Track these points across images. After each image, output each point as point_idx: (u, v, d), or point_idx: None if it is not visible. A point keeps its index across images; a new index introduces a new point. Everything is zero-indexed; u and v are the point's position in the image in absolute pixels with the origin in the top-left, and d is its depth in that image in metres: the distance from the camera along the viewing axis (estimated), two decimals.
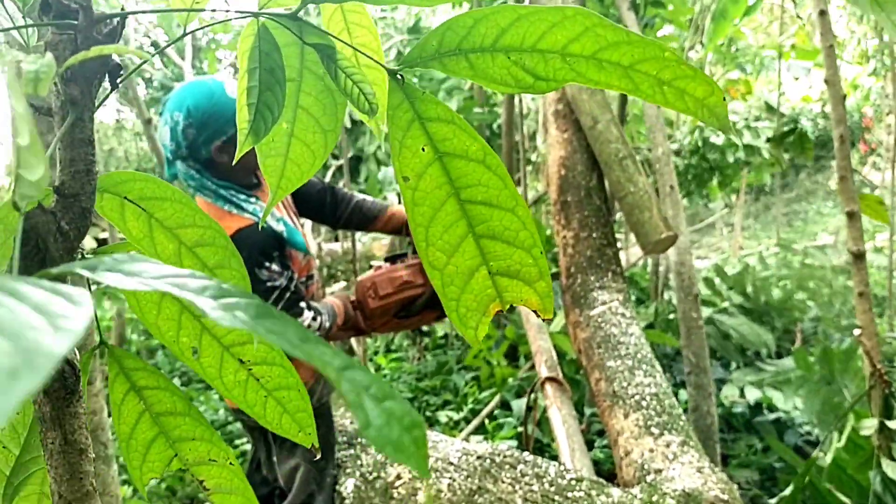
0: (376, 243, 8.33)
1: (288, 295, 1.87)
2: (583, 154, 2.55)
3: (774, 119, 6.19)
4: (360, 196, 2.29)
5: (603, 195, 2.57)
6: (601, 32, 0.48)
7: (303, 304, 1.90)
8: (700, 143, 7.13)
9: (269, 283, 1.85)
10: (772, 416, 3.65)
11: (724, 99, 0.50)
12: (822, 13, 2.12)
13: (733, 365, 4.17)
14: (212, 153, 1.89)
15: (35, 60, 0.31)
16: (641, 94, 0.50)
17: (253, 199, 1.93)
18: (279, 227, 1.92)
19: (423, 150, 0.55)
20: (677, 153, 7.27)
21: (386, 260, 2.19)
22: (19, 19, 0.46)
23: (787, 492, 1.89)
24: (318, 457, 0.67)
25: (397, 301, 2.09)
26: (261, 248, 1.86)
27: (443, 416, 4.01)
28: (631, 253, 6.80)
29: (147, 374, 0.61)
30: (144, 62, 0.48)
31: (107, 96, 0.48)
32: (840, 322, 4.39)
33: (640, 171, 2.34)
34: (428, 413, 4.17)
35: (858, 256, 2.02)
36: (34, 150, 0.27)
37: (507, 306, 0.59)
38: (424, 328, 5.29)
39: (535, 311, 0.59)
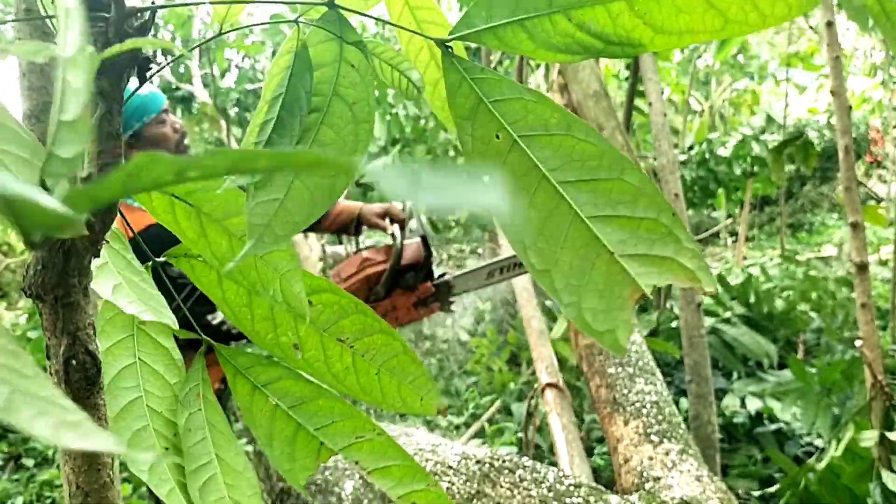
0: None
1: (198, 292, 1.84)
2: None
3: (781, 131, 6.19)
4: None
5: None
6: None
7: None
8: (707, 155, 7.14)
9: (179, 280, 1.83)
10: (773, 427, 3.64)
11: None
12: (830, 24, 2.13)
13: (735, 375, 4.15)
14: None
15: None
16: (735, 25, 0.42)
17: None
18: None
19: (497, 136, 0.48)
20: (684, 164, 7.28)
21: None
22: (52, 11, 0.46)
23: (774, 488, 1.89)
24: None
25: (361, 280, 2.04)
26: (172, 244, 1.83)
27: (443, 420, 4.01)
28: None
29: (264, 367, 0.59)
30: (179, 57, 0.48)
31: (136, 90, 0.48)
32: (843, 333, 4.37)
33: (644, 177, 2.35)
34: (428, 417, 4.17)
35: (861, 267, 2.01)
36: (78, 126, 0.26)
37: (651, 289, 0.48)
38: (427, 332, 5.29)
39: (690, 288, 0.48)
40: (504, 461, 2.16)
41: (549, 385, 2.68)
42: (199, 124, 7.68)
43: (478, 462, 2.17)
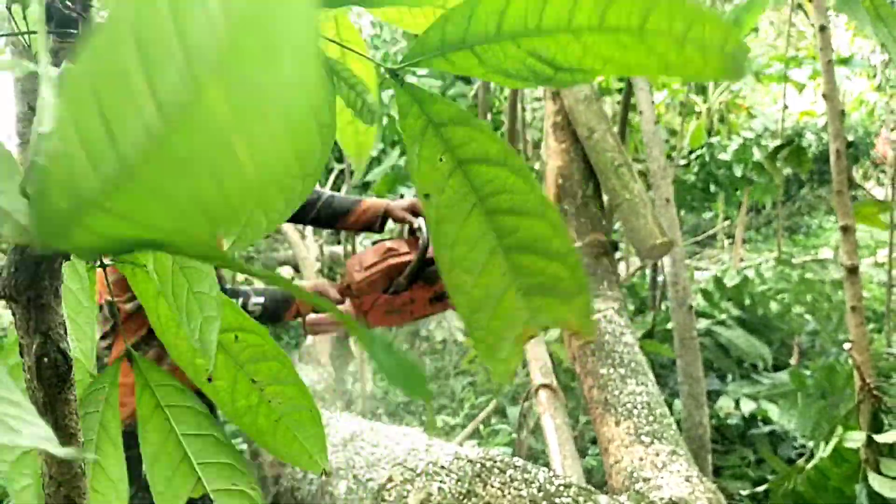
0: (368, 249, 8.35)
1: None
2: (580, 164, 2.60)
3: (776, 135, 6.20)
4: (330, 192, 2.24)
5: (599, 203, 2.61)
6: None
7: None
8: (708, 158, 7.16)
9: None
10: (767, 429, 3.66)
11: (742, 42, 0.45)
12: (823, 28, 2.14)
13: (729, 377, 4.17)
14: None
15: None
16: (671, 67, 0.45)
17: None
18: None
19: (442, 159, 0.50)
20: (686, 167, 7.29)
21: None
22: (23, 26, 0.48)
23: (762, 488, 1.91)
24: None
25: (383, 270, 2.01)
26: None
27: (439, 420, 4.02)
28: (632, 263, 6.82)
29: (174, 389, 0.60)
30: None
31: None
32: (837, 336, 4.39)
33: (635, 178, 2.38)
34: (423, 418, 4.19)
35: (852, 271, 2.03)
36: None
37: (542, 330, 0.52)
38: (423, 333, 5.30)
39: (573, 334, 0.52)
40: (495, 461, 2.17)
41: (543, 386, 2.69)
42: None
43: (470, 462, 2.18)
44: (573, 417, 3.65)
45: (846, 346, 1.94)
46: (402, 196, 5.48)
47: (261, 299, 1.95)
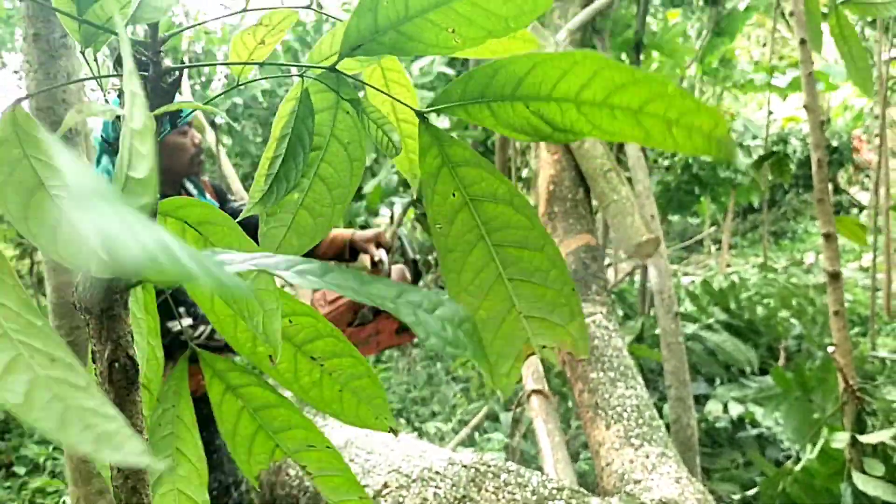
0: (364, 256, 8.37)
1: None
2: (570, 172, 2.69)
3: (764, 139, 6.29)
4: None
5: (589, 208, 2.70)
6: (608, 75, 0.49)
7: (182, 310, 1.90)
8: (690, 160, 7.23)
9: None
10: (754, 432, 3.72)
11: (729, 130, 0.51)
12: (803, 42, 2.20)
13: (717, 380, 4.23)
14: None
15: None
16: (654, 140, 0.51)
17: None
18: None
19: (454, 195, 0.56)
20: (668, 169, 7.38)
21: None
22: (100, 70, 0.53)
23: (752, 492, 1.96)
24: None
25: (348, 303, 2.04)
26: None
27: (431, 427, 4.06)
28: (620, 269, 6.88)
29: (239, 373, 0.66)
30: (201, 105, 0.54)
31: (166, 133, 0.55)
32: (823, 340, 4.46)
33: (623, 182, 2.47)
34: (417, 424, 4.22)
35: (834, 276, 2.09)
36: (146, 182, 0.33)
37: (540, 349, 0.58)
38: (414, 339, 5.33)
39: (569, 352, 0.58)
40: (489, 466, 2.21)
41: (535, 392, 2.74)
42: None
43: (464, 467, 2.23)
44: (565, 422, 3.70)
45: (830, 349, 2.00)
46: (392, 205, 5.52)
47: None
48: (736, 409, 3.77)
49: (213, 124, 6.32)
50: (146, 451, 0.33)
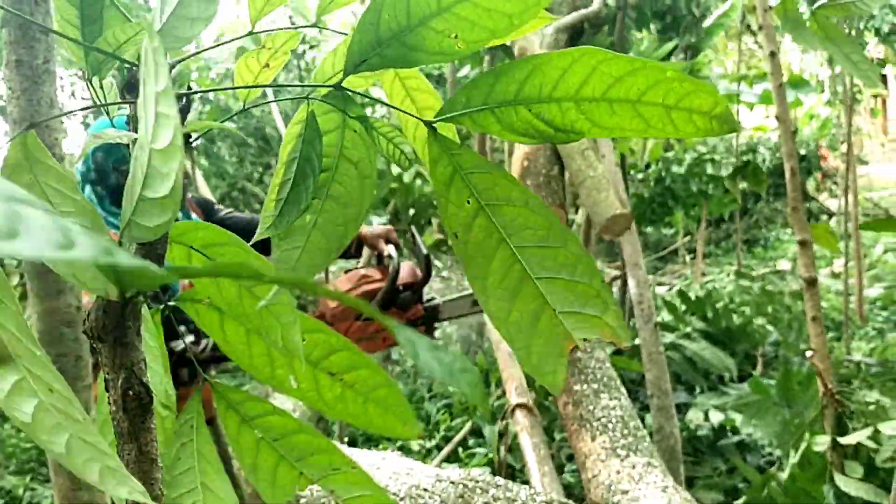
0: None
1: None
2: (546, 150, 2.71)
3: (733, 151, 6.39)
4: None
5: (562, 184, 2.71)
6: (606, 69, 0.50)
7: (182, 329, 1.87)
8: (663, 173, 7.32)
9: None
10: (735, 439, 3.75)
11: (728, 106, 0.50)
12: (773, 54, 2.25)
13: (697, 389, 4.27)
14: (121, 179, 1.87)
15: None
16: (654, 130, 0.51)
17: None
18: None
19: (468, 202, 0.56)
20: (642, 181, 7.45)
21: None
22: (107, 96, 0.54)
23: (739, 502, 1.98)
24: None
25: (357, 297, 2.06)
26: None
27: (415, 444, 4.05)
28: None
29: (253, 403, 0.65)
30: (205, 130, 0.55)
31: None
32: (799, 346, 4.52)
33: (599, 160, 2.49)
34: (400, 441, 4.21)
35: (810, 283, 2.13)
36: (166, 202, 0.33)
37: (582, 342, 0.57)
38: (395, 356, 5.33)
39: (612, 342, 0.57)
40: (477, 481, 2.21)
41: (520, 405, 2.75)
42: None
43: (452, 483, 2.23)
44: (549, 434, 3.71)
45: (808, 354, 2.03)
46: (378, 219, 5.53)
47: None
48: (716, 417, 3.81)
49: (188, 145, 6.30)
50: (145, 492, 0.34)
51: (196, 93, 0.51)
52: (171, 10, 0.49)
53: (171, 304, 0.64)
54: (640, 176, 7.47)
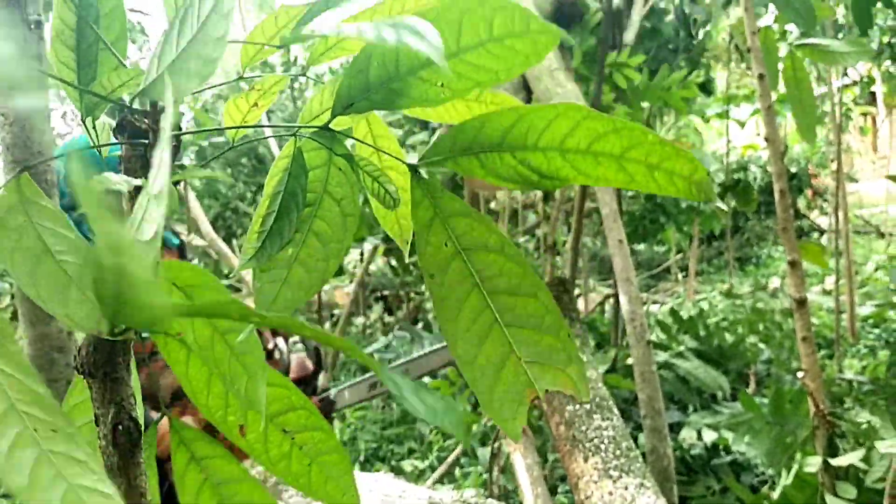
0: (338, 291, 8.35)
1: None
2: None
3: (723, 168, 6.43)
4: None
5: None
6: (590, 125, 0.51)
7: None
8: None
9: None
10: (728, 458, 3.75)
11: (707, 173, 0.52)
12: (761, 77, 2.28)
13: (691, 408, 4.27)
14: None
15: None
16: (637, 184, 0.53)
17: None
18: None
19: (446, 245, 0.57)
20: (633, 198, 7.49)
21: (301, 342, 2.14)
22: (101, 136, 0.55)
23: None
24: None
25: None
26: None
27: (408, 465, 4.04)
28: (590, 299, 6.94)
29: (205, 443, 0.65)
30: (201, 175, 0.56)
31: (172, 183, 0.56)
32: (791, 364, 4.53)
33: (570, 80, 2.47)
34: (393, 462, 4.20)
35: (800, 303, 2.14)
36: (152, 244, 0.34)
37: (543, 392, 0.58)
38: None
39: (571, 395, 0.58)
40: (470, 503, 2.21)
41: None
42: None
43: None
44: (542, 455, 3.71)
45: (799, 374, 2.04)
46: (363, 240, 5.54)
47: None
48: (710, 436, 3.81)
49: (180, 166, 6.31)
50: None
51: (188, 133, 0.52)
52: (182, 46, 0.50)
53: (145, 335, 0.64)
54: (630, 193, 7.52)
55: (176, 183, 0.50)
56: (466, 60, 0.49)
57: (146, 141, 0.49)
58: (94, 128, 0.53)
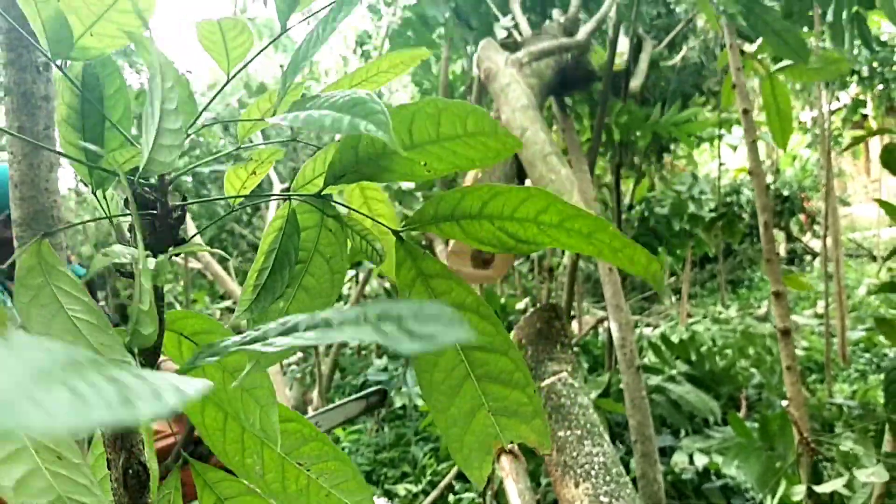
0: None
1: None
2: (504, 162, 2.71)
3: (715, 192, 6.50)
4: None
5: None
6: (560, 207, 0.57)
7: None
8: (646, 214, 7.43)
9: None
10: (720, 483, 3.78)
11: (661, 266, 0.60)
12: (746, 111, 2.34)
13: (682, 432, 4.30)
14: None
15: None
16: (605, 257, 0.58)
17: None
18: None
19: None
20: (626, 221, 7.55)
21: None
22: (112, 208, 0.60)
23: None
24: None
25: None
26: None
27: (401, 489, 4.06)
28: (584, 321, 6.97)
29: (229, 483, 0.68)
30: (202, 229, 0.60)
31: (167, 258, 0.61)
32: (782, 388, 4.56)
33: (563, 164, 2.46)
34: (386, 486, 4.21)
35: (785, 333, 2.19)
36: (151, 313, 0.39)
37: (508, 444, 0.63)
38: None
39: (533, 448, 0.63)
40: None
41: (505, 451, 2.78)
42: None
43: None
44: (535, 480, 3.73)
45: (784, 403, 2.09)
46: (359, 264, 5.57)
47: None
48: (701, 461, 3.84)
49: (178, 189, 6.35)
50: None
51: (190, 203, 0.57)
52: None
53: None
54: (623, 216, 7.58)
55: (177, 254, 0.55)
56: (447, 147, 0.54)
57: (155, 211, 0.54)
58: (104, 197, 0.58)
